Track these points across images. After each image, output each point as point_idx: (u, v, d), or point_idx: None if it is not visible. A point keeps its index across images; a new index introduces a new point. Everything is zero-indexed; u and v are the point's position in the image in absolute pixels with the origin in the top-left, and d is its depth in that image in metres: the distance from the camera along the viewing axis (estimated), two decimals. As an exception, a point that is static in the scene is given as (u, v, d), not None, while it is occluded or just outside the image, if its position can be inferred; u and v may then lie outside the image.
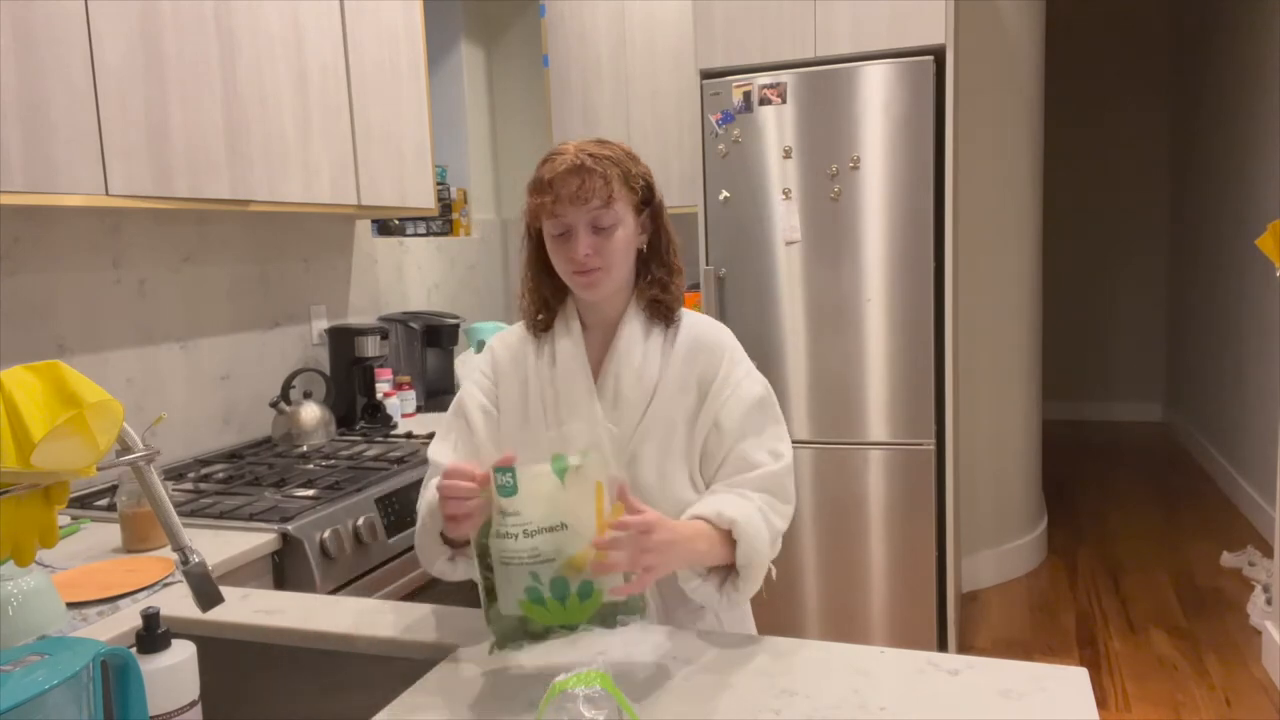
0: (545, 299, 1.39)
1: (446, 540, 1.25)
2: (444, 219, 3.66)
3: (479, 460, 1.23)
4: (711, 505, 1.24)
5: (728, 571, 1.24)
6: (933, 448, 2.88)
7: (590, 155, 1.28)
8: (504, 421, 1.37)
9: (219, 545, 1.69)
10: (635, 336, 1.35)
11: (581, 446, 1.08)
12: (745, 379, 1.35)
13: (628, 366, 1.34)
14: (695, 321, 1.39)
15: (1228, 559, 3.91)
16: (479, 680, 1.14)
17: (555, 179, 1.27)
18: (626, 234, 1.31)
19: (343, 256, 3.01)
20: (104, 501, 1.97)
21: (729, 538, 1.22)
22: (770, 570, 1.32)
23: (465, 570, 1.27)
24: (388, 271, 3.26)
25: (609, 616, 1.11)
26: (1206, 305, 5.47)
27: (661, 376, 1.34)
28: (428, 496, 1.26)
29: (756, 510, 1.25)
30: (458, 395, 1.43)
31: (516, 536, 1.04)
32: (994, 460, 3.81)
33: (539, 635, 1.12)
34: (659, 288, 1.36)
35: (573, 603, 1.07)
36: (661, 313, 1.37)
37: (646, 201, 1.35)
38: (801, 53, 2.90)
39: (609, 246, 1.29)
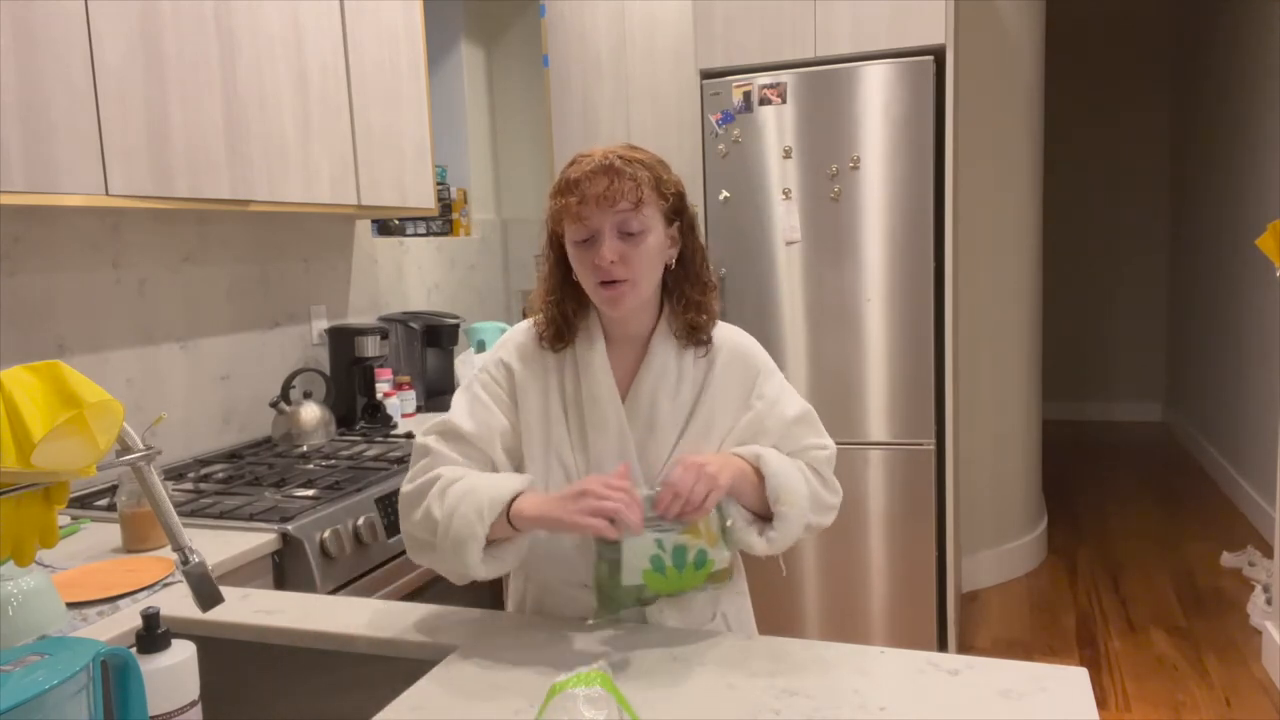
0: (566, 314, 1.29)
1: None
2: (444, 219, 3.66)
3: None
4: (743, 448, 1.29)
5: (765, 520, 1.28)
6: (933, 448, 2.88)
7: (620, 157, 1.22)
8: (528, 438, 1.29)
9: (219, 545, 1.69)
10: (669, 357, 1.30)
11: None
12: (783, 396, 1.34)
13: (663, 390, 1.29)
14: (725, 333, 1.36)
15: (1228, 559, 3.91)
16: (479, 680, 1.14)
17: (582, 178, 1.20)
18: (656, 243, 1.24)
19: (343, 256, 3.01)
20: (104, 501, 1.97)
21: (761, 478, 1.25)
22: (780, 565, 1.34)
23: (499, 567, 1.21)
24: (388, 271, 3.26)
25: (709, 585, 1.28)
26: (1206, 305, 5.47)
27: (699, 397, 1.31)
28: (485, 490, 1.18)
29: (791, 463, 1.29)
30: (471, 405, 1.31)
31: (647, 511, 1.19)
32: (994, 460, 3.81)
33: (646, 601, 1.26)
34: (695, 310, 1.29)
35: (689, 571, 1.20)
36: (697, 338, 1.31)
37: (678, 212, 1.28)
38: (801, 53, 2.90)
39: (636, 255, 1.22)
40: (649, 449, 1.29)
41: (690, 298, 1.30)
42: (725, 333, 1.36)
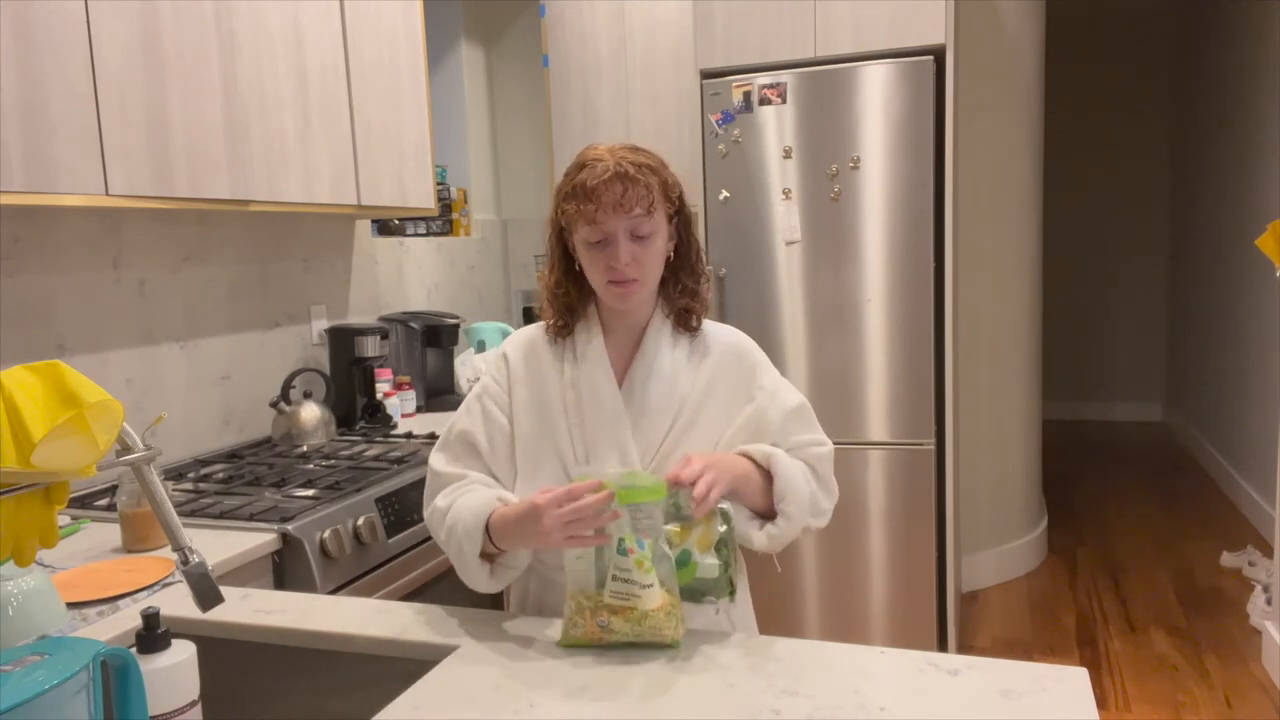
0: (570, 304, 1.38)
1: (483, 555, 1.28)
2: (444, 219, 3.66)
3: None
4: (755, 446, 1.32)
5: (766, 518, 1.33)
6: (933, 448, 2.88)
7: (632, 164, 1.28)
8: (520, 424, 1.36)
9: (219, 545, 1.69)
10: (663, 345, 1.37)
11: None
12: (781, 388, 1.40)
13: (657, 375, 1.35)
14: (720, 330, 1.43)
15: (1228, 559, 3.91)
16: (479, 680, 1.14)
17: (599, 186, 1.26)
18: (662, 242, 1.33)
19: (343, 256, 3.01)
20: (104, 501, 1.97)
21: (768, 478, 1.29)
22: (775, 563, 1.36)
23: (511, 575, 1.31)
24: (388, 271, 3.26)
25: (698, 594, 1.24)
26: (1206, 305, 5.47)
27: (692, 386, 1.37)
28: (464, 519, 1.27)
29: (798, 466, 1.32)
30: (469, 405, 1.41)
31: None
32: (994, 460, 3.81)
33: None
34: (689, 296, 1.38)
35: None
36: (688, 322, 1.39)
37: (678, 210, 1.37)
38: (801, 53, 2.90)
39: (647, 256, 1.31)
40: (643, 432, 1.34)
41: (685, 285, 1.39)
42: (720, 329, 1.44)
